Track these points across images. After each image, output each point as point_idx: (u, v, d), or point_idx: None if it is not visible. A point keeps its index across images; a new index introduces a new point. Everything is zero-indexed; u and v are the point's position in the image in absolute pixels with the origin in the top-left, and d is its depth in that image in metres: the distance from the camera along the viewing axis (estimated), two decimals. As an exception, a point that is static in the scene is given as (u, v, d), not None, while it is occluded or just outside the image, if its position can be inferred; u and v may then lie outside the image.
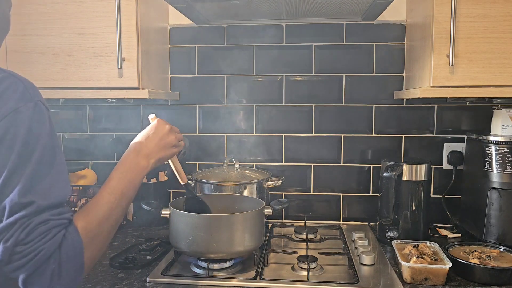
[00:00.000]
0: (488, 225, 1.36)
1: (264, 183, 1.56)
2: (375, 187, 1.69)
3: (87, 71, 1.40)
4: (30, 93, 0.72)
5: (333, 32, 1.66)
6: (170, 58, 1.74)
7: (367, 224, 1.68)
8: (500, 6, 1.25)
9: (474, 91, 1.28)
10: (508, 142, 1.34)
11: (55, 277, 0.68)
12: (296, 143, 1.71)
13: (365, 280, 1.14)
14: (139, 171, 0.90)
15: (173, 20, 1.72)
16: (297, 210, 1.73)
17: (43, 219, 0.68)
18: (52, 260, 0.67)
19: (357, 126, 1.68)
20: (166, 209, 1.24)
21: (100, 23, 1.38)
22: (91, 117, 1.80)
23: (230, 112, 1.73)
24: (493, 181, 1.35)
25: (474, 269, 1.12)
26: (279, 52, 1.69)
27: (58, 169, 0.72)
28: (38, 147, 0.70)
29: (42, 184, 0.69)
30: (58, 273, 0.68)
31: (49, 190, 0.70)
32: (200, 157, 1.76)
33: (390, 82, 1.65)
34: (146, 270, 1.20)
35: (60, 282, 0.68)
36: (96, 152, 1.80)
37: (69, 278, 0.70)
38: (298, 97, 1.69)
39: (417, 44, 1.46)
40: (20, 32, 1.42)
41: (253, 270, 1.19)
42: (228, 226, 1.16)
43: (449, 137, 1.64)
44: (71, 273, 0.70)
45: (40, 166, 0.69)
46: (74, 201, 1.59)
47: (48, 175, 0.71)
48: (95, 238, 0.76)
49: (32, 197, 0.67)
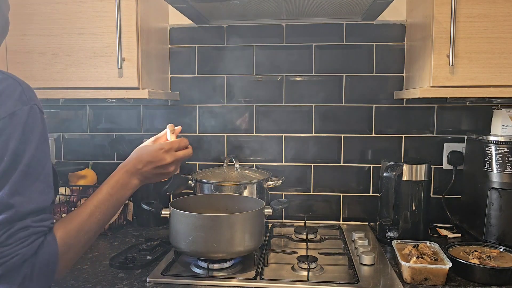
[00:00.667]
0: (488, 225, 1.36)
1: (264, 183, 1.56)
2: (375, 187, 1.69)
3: (87, 71, 1.40)
4: (26, 96, 0.73)
5: (333, 32, 1.66)
6: (170, 58, 1.74)
7: (367, 224, 1.68)
8: (500, 6, 1.25)
9: (474, 91, 1.28)
10: (508, 142, 1.34)
11: (26, 281, 0.70)
12: (296, 143, 1.71)
13: (365, 280, 1.14)
14: (128, 190, 0.91)
15: (173, 20, 1.72)
16: (297, 210, 1.73)
17: (24, 225, 0.70)
18: (26, 265, 0.69)
19: (357, 126, 1.68)
20: (166, 209, 1.24)
21: (100, 23, 1.38)
22: (91, 117, 1.80)
23: (230, 112, 1.73)
24: (493, 181, 1.35)
25: (474, 269, 1.12)
26: (279, 52, 1.69)
27: (45, 174, 0.74)
28: (28, 152, 0.71)
29: (29, 188, 0.71)
30: (29, 277, 0.70)
31: (34, 194, 0.72)
32: (200, 157, 1.76)
33: (390, 82, 1.65)
34: (146, 270, 1.20)
35: (30, 286, 0.70)
36: (96, 152, 1.80)
37: (40, 284, 0.72)
38: (298, 97, 1.69)
39: (417, 44, 1.46)
40: (20, 32, 1.42)
41: (253, 270, 1.19)
42: (228, 226, 1.16)
43: (449, 137, 1.64)
44: (42, 279, 0.72)
45: (29, 169, 0.71)
46: (74, 201, 1.59)
47: (36, 180, 0.72)
48: (71, 248, 0.77)
49: (16, 200, 0.69)
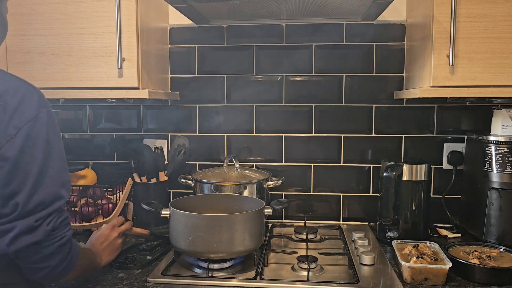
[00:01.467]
0: (488, 225, 1.36)
1: (264, 183, 1.56)
2: (375, 187, 1.69)
3: (87, 71, 1.40)
4: (43, 100, 0.84)
5: (333, 32, 1.66)
6: (170, 58, 1.73)
7: (367, 224, 1.68)
8: (500, 6, 1.25)
9: (474, 91, 1.28)
10: (508, 142, 1.34)
11: (64, 260, 0.87)
12: (296, 143, 1.71)
13: (365, 280, 1.14)
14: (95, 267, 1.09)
15: (173, 20, 1.72)
16: (297, 210, 1.73)
17: (66, 214, 0.89)
18: (67, 245, 0.88)
19: (357, 126, 1.68)
20: (166, 209, 1.24)
21: (100, 23, 1.38)
22: (91, 117, 1.80)
23: (230, 112, 1.73)
24: (493, 181, 1.35)
25: (474, 269, 1.12)
26: (279, 52, 1.69)
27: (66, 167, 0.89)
28: (55, 148, 0.84)
29: (66, 179, 0.87)
30: (65, 257, 0.87)
31: (68, 185, 0.88)
32: (200, 157, 1.76)
33: (390, 82, 1.65)
34: (146, 270, 1.20)
35: (64, 266, 0.88)
36: (96, 152, 1.80)
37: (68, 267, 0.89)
38: (298, 97, 1.69)
39: (417, 44, 1.46)
40: (20, 32, 1.42)
41: (253, 270, 1.19)
42: (228, 226, 1.16)
43: (449, 137, 1.64)
44: (70, 264, 0.89)
45: (61, 163, 0.86)
46: (74, 201, 1.59)
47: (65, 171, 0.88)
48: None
49: (63, 191, 0.86)
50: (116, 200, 1.57)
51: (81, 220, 1.52)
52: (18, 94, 0.81)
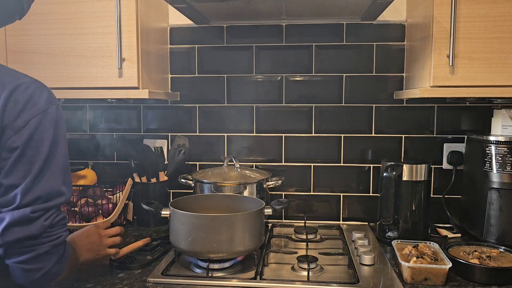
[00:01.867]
0: (488, 225, 1.36)
1: (264, 183, 1.56)
2: (375, 187, 1.69)
3: (87, 71, 1.40)
4: (53, 97, 0.87)
5: (333, 32, 1.66)
6: (170, 58, 1.73)
7: (367, 224, 1.68)
8: (500, 6, 1.25)
9: (474, 91, 1.28)
10: (508, 142, 1.34)
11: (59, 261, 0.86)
12: (296, 143, 1.71)
13: (365, 280, 1.14)
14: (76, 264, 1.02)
15: (173, 20, 1.72)
16: (297, 210, 1.73)
17: (64, 214, 0.88)
18: (62, 246, 0.87)
19: (357, 126, 1.68)
20: (166, 209, 1.24)
21: (100, 23, 1.38)
22: (91, 117, 1.80)
23: (230, 112, 1.73)
24: (493, 181, 1.35)
25: (474, 269, 1.12)
26: (279, 52, 1.69)
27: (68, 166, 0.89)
28: (60, 146, 0.86)
29: (67, 177, 0.87)
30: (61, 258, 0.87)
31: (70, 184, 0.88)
32: (200, 157, 1.76)
33: (390, 82, 1.65)
34: (146, 270, 1.20)
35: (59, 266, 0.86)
36: (96, 152, 1.80)
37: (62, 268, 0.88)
38: (298, 97, 1.69)
39: (417, 44, 1.46)
40: (20, 32, 1.42)
41: (253, 270, 1.19)
42: (228, 226, 1.16)
43: (449, 137, 1.64)
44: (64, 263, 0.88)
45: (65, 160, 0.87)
46: (74, 201, 1.59)
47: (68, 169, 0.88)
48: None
49: (64, 188, 0.86)
50: (116, 200, 1.57)
51: (81, 220, 1.52)
52: (29, 90, 0.83)
